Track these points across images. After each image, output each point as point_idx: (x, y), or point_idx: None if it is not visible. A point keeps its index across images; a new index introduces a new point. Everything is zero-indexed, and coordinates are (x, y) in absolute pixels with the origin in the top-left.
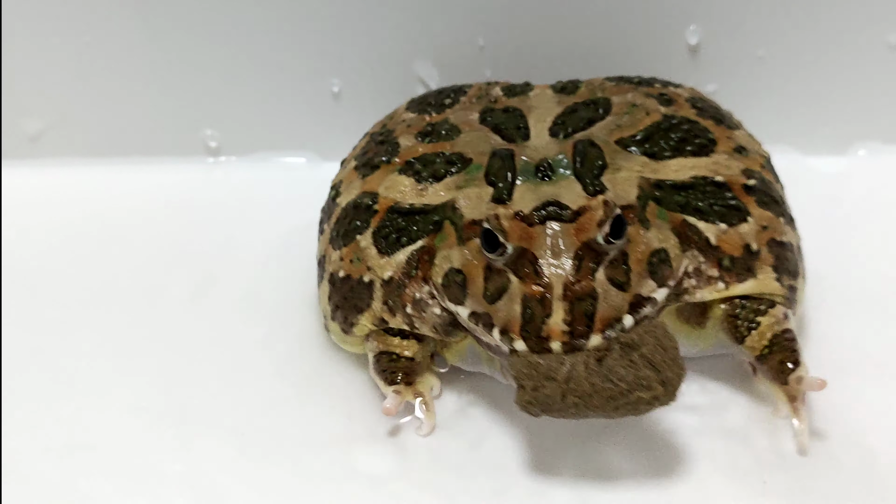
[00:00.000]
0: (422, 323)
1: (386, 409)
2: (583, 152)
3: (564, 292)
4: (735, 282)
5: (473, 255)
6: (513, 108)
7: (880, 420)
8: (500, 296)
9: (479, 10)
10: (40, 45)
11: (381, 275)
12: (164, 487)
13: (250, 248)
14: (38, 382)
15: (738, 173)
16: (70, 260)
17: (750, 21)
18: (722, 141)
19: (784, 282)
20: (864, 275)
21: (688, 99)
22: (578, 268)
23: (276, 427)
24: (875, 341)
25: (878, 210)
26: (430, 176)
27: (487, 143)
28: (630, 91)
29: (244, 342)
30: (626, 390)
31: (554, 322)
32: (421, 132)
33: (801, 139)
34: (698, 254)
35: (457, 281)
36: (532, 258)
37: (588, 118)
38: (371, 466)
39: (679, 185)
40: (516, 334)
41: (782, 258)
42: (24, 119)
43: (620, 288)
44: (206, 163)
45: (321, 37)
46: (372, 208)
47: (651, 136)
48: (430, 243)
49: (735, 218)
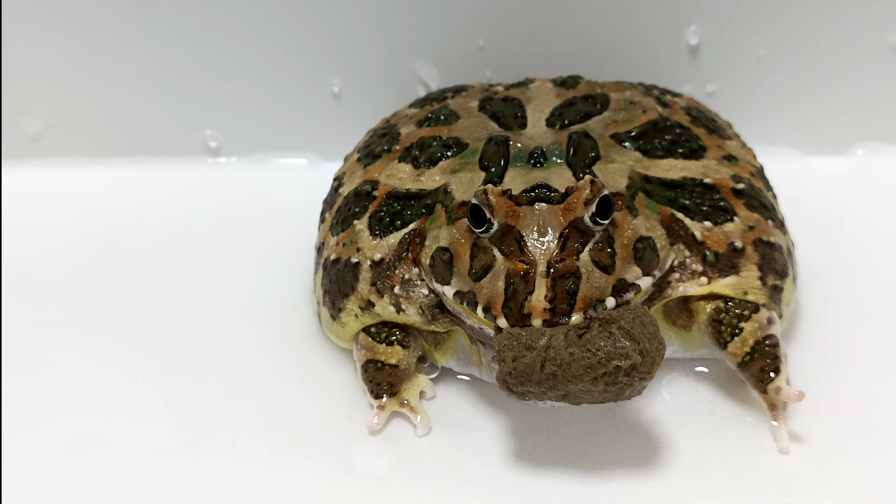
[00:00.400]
0: (409, 304)
1: (369, 427)
2: (577, 143)
3: (548, 269)
4: (717, 277)
5: (461, 234)
6: (512, 98)
7: (880, 419)
8: (485, 273)
9: (479, 10)
10: (40, 45)
11: (371, 256)
12: (165, 487)
13: (250, 248)
14: (38, 382)
15: (727, 178)
16: (70, 260)
17: (750, 21)
18: (712, 149)
19: (768, 281)
20: (863, 275)
21: (683, 107)
22: (563, 247)
23: (277, 426)
24: (875, 341)
25: (878, 210)
26: (426, 160)
27: (484, 130)
28: (629, 89)
29: (244, 342)
30: (604, 359)
31: (536, 299)
32: (421, 120)
33: (801, 139)
34: (684, 248)
35: (443, 259)
36: (518, 236)
37: (585, 112)
38: (371, 467)
39: (668, 182)
40: (498, 311)
41: (768, 257)
42: (24, 119)
43: (605, 270)
44: (206, 163)
45: (321, 37)
46: (371, 194)
47: (646, 133)
48: (421, 226)
49: (721, 217)
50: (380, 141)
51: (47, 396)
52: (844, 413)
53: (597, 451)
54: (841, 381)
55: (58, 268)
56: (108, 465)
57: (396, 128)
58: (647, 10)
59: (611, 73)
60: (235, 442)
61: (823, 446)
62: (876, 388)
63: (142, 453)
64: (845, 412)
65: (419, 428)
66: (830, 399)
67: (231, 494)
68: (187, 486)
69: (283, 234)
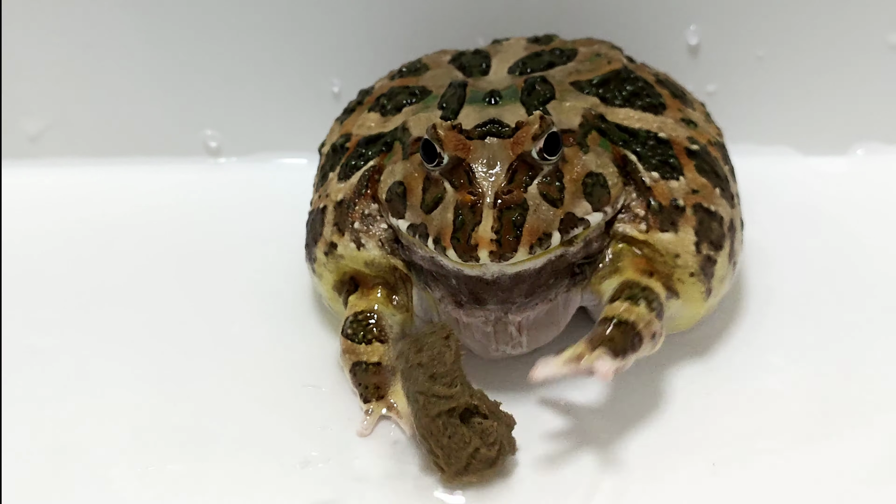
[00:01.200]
0: (368, 238)
1: (359, 432)
2: (532, 85)
3: (495, 201)
4: (657, 229)
5: (415, 168)
6: (482, 51)
7: (881, 418)
8: (436, 205)
9: (478, 10)
10: (40, 45)
11: (334, 199)
12: (165, 487)
13: (250, 248)
14: (38, 382)
15: (683, 137)
16: (70, 260)
17: (750, 21)
18: (672, 109)
19: (702, 249)
20: (863, 275)
21: (652, 72)
22: (511, 179)
23: (278, 427)
24: (874, 340)
25: (878, 210)
26: (392, 108)
27: (449, 78)
28: (598, 44)
29: (244, 342)
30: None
31: (483, 229)
32: (394, 74)
33: (801, 139)
34: (632, 190)
35: (398, 193)
36: (467, 168)
37: (549, 62)
38: (373, 467)
39: (623, 128)
40: (447, 242)
41: (706, 224)
42: (24, 119)
43: (553, 204)
44: (206, 163)
45: (321, 37)
46: (345, 146)
47: (607, 82)
48: (380, 163)
49: (668, 173)
50: (356, 99)
51: (47, 396)
52: (844, 412)
53: (593, 444)
54: (840, 380)
55: (57, 267)
56: (109, 464)
57: (373, 86)
58: (647, 10)
59: None
60: (235, 441)
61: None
62: (877, 386)
63: (142, 452)
64: (845, 411)
65: (406, 430)
66: (831, 394)
67: (231, 494)
68: (187, 485)
69: (283, 234)
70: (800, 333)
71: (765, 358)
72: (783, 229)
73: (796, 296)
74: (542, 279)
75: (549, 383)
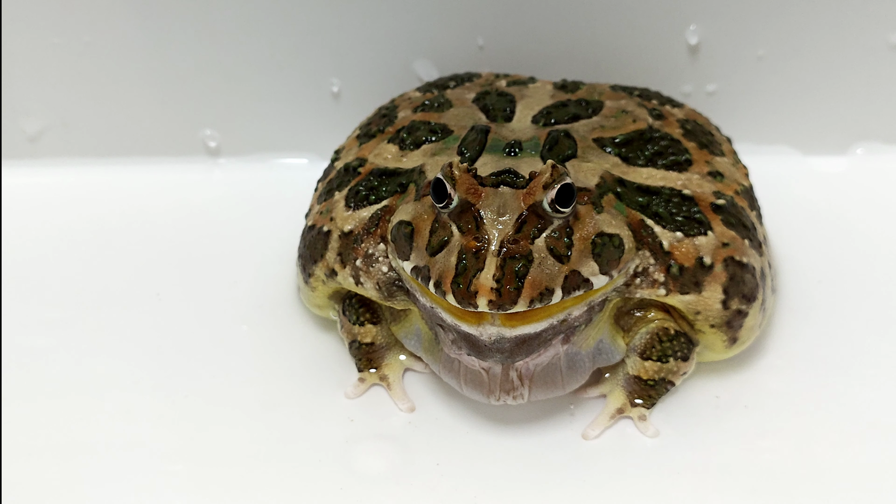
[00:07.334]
0: (367, 278)
1: (346, 394)
2: (555, 139)
3: (500, 249)
4: (677, 292)
5: (425, 210)
6: (507, 94)
7: (880, 418)
8: (441, 249)
9: (478, 10)
10: (40, 45)
11: (341, 227)
12: (165, 487)
13: (250, 248)
14: (38, 382)
15: (709, 193)
16: (70, 260)
17: (750, 21)
18: (699, 163)
19: (731, 304)
20: (863, 275)
21: (680, 119)
22: (519, 229)
23: (278, 427)
24: (874, 340)
25: (878, 210)
26: (412, 143)
27: (472, 119)
28: (626, 99)
29: (244, 342)
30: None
31: (484, 277)
32: (417, 105)
33: (801, 139)
34: (650, 255)
35: (405, 233)
36: (476, 214)
37: (574, 114)
38: (372, 467)
39: (644, 188)
40: (447, 286)
41: (738, 278)
42: (24, 119)
43: (559, 259)
44: (205, 163)
45: (321, 37)
46: (357, 170)
47: (630, 141)
48: (393, 203)
49: (695, 230)
50: (379, 121)
51: (47, 396)
52: (843, 412)
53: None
54: (840, 380)
55: (57, 268)
56: (109, 464)
57: (396, 110)
58: (647, 10)
59: (610, 72)
60: (235, 441)
61: (827, 447)
62: (875, 385)
63: (142, 452)
64: (845, 411)
65: (399, 404)
66: (830, 398)
67: (231, 494)
68: (187, 485)
69: (282, 234)
70: (800, 333)
71: (765, 358)
72: (783, 229)
73: (796, 295)
74: (542, 339)
75: None
